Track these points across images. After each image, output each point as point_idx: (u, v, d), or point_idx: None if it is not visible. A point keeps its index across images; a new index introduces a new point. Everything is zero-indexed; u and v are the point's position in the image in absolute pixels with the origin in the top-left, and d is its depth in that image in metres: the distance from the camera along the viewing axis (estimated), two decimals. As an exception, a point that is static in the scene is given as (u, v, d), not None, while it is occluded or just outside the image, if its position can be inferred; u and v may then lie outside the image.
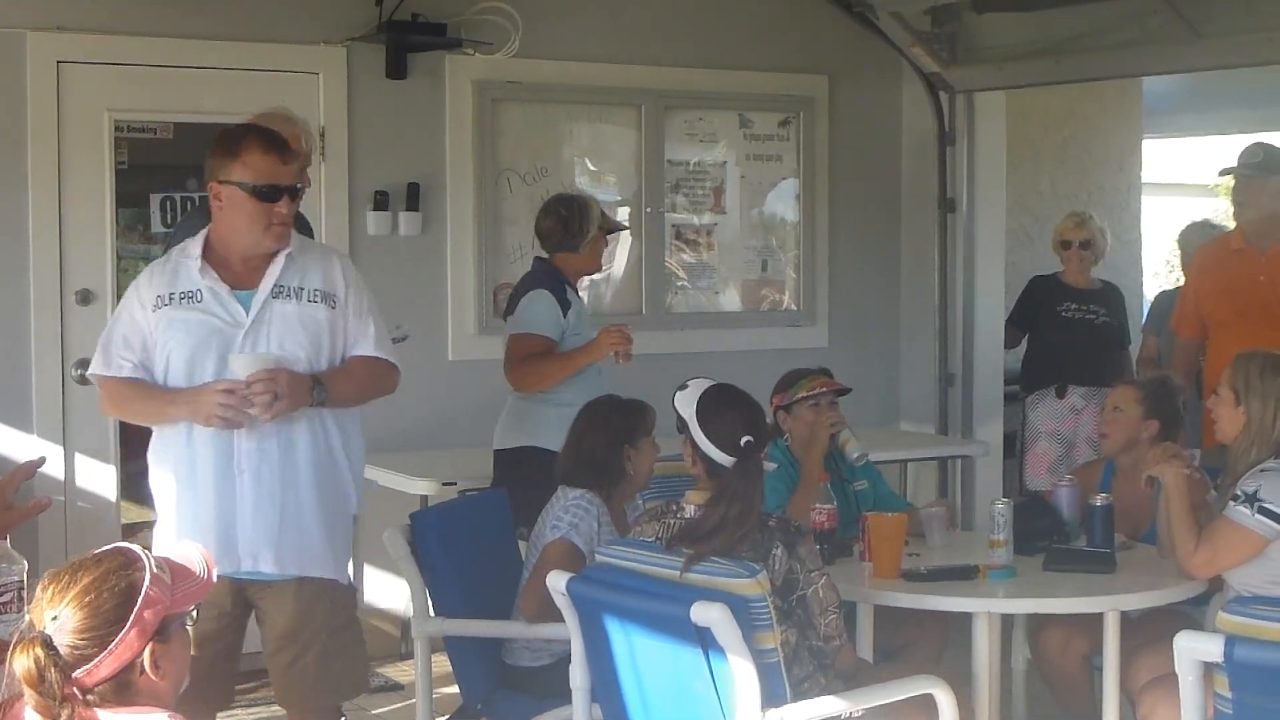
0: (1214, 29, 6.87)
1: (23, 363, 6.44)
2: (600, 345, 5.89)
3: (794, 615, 4.13)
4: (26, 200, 6.45)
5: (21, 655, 2.71)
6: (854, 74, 8.16)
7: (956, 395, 8.24)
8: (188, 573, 2.90)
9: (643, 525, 4.34)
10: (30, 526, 4.80)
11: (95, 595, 2.77)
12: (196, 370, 4.30)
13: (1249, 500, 4.58)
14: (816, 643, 4.18)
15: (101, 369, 4.35)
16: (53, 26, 6.48)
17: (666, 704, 4.05)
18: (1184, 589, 4.74)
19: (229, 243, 4.34)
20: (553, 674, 4.66)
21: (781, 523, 4.23)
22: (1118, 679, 4.77)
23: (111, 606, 2.78)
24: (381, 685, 6.65)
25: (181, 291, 4.31)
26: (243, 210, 4.28)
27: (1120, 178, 10.20)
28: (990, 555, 4.82)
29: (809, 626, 4.16)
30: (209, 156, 4.36)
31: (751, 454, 4.20)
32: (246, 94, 6.23)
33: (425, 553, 4.89)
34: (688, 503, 4.26)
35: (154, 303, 4.31)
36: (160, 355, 4.31)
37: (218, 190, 4.29)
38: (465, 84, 7.24)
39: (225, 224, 4.32)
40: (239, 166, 4.27)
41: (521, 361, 5.93)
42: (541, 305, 5.94)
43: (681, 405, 4.32)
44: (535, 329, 5.92)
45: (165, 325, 4.30)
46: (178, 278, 4.33)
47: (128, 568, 2.81)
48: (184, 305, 4.31)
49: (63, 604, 2.76)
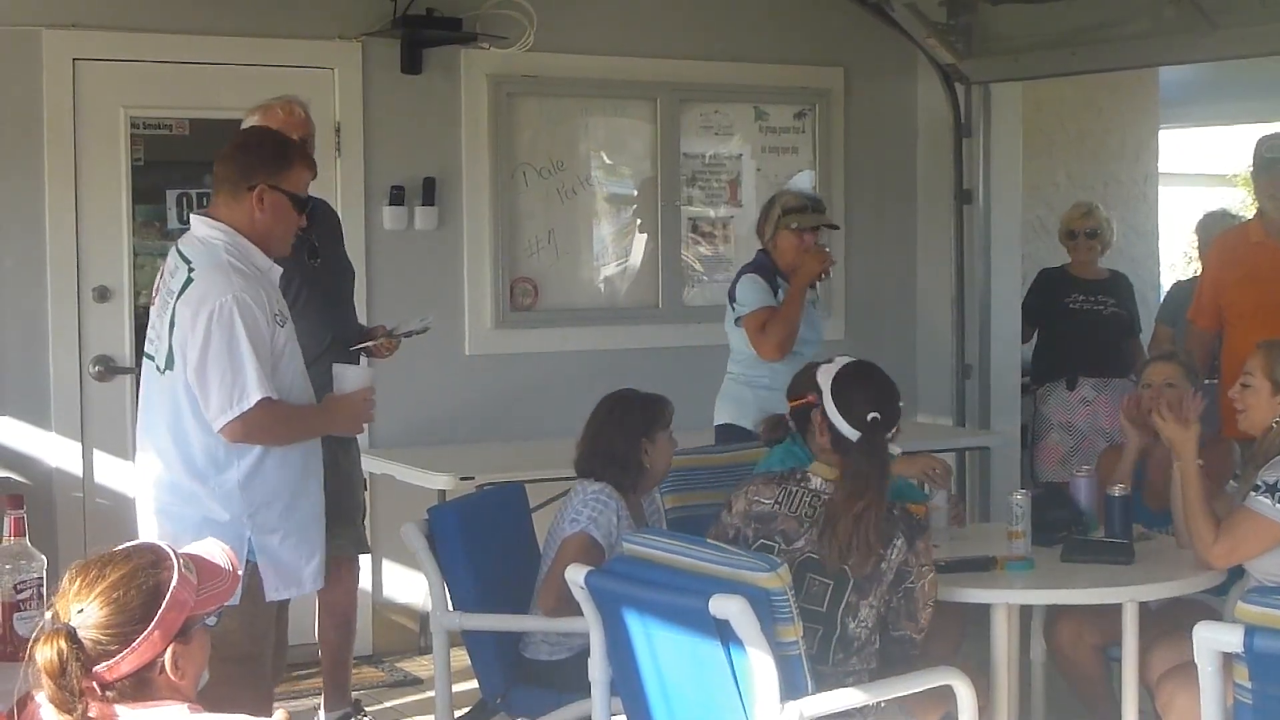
0: (1230, 19, 6.85)
1: (41, 359, 6.45)
2: (808, 269, 6.15)
3: (891, 603, 4.20)
4: (43, 197, 6.46)
5: (45, 646, 2.71)
6: (869, 66, 8.15)
7: (974, 387, 8.22)
8: (216, 572, 2.90)
9: (759, 485, 4.38)
10: (49, 523, 4.82)
11: (122, 592, 2.77)
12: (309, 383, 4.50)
13: (1270, 491, 4.57)
14: (913, 634, 4.23)
15: (271, 391, 4.23)
16: (68, 24, 6.49)
17: (687, 696, 4.05)
18: (1202, 579, 4.73)
19: (269, 245, 4.43)
20: (571, 668, 4.65)
21: (905, 514, 4.29)
22: (1136, 670, 4.76)
23: (138, 604, 2.77)
24: (400, 679, 6.67)
25: (281, 303, 4.43)
26: (285, 217, 4.41)
27: (1136, 168, 10.17)
28: (1009, 546, 4.82)
29: (906, 617, 4.21)
30: (250, 157, 4.44)
31: (877, 431, 4.25)
32: (262, 90, 6.22)
33: (443, 547, 4.89)
34: (814, 474, 4.32)
35: (278, 318, 4.35)
36: (287, 373, 4.38)
37: (264, 194, 4.36)
38: (480, 78, 7.24)
39: (265, 226, 4.39)
40: (291, 177, 4.41)
41: (759, 334, 6.15)
42: (748, 285, 6.21)
43: (821, 377, 4.40)
44: (752, 305, 6.18)
45: (287, 342, 4.38)
46: (271, 289, 4.39)
47: (156, 566, 2.81)
48: (289, 321, 4.43)
49: (89, 598, 2.76)
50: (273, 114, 5.55)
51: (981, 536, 5.23)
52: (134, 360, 6.41)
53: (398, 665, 6.85)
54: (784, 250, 6.24)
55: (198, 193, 6.67)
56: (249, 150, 4.52)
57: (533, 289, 7.44)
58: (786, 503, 4.29)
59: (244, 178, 4.39)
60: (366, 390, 4.58)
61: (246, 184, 4.38)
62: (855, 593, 4.17)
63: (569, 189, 7.54)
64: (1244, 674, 3.51)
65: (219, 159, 4.49)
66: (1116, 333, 7.62)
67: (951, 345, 8.25)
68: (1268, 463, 4.68)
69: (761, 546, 4.23)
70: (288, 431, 4.36)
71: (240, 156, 4.47)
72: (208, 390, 4.20)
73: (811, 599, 4.17)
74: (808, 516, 4.26)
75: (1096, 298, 7.62)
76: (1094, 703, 5.38)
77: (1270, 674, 3.46)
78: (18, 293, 6.43)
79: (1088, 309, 7.59)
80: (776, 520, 4.28)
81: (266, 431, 4.27)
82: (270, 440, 4.30)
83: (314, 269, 5.52)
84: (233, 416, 4.19)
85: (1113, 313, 7.62)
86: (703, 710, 4.02)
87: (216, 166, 4.49)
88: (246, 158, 4.45)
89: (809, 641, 4.09)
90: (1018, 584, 4.68)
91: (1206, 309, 6.67)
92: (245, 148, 4.56)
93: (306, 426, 4.45)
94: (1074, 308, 7.60)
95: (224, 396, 4.18)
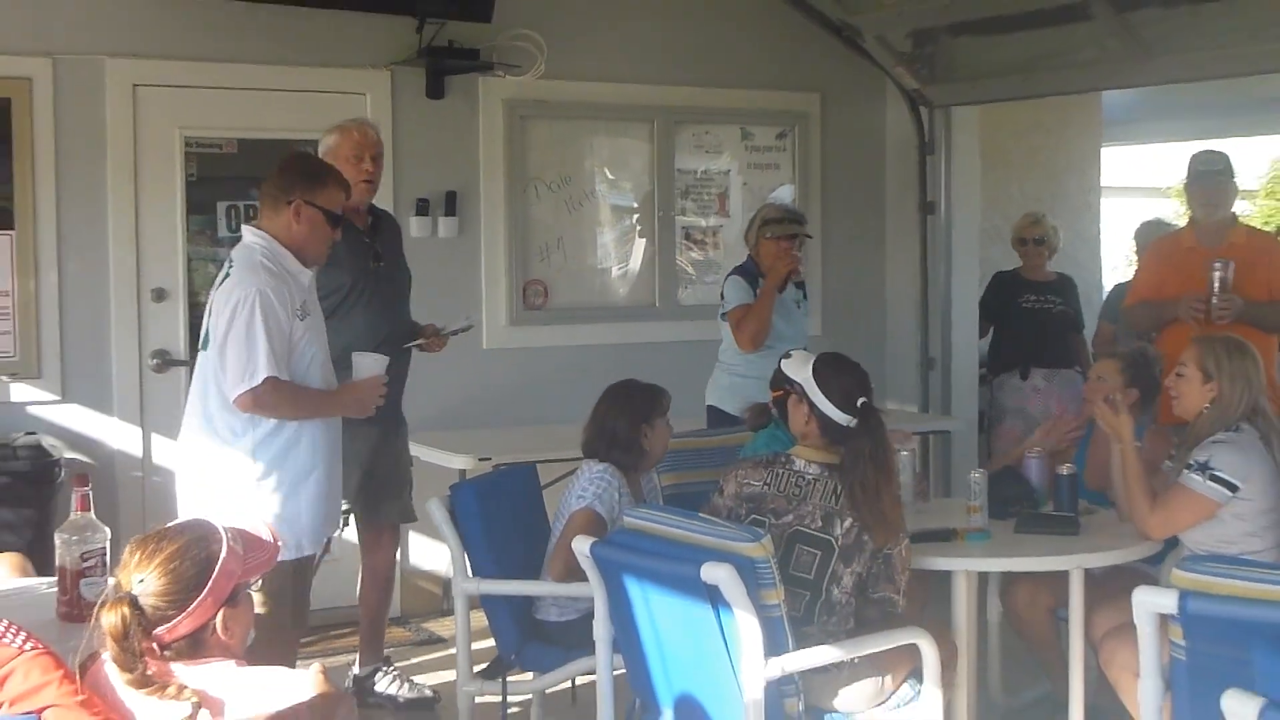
0: (1166, 48, 6.84)
1: (104, 353, 6.45)
2: (776, 271, 6.27)
3: (872, 569, 4.19)
4: (107, 209, 6.46)
5: (109, 613, 2.72)
6: (843, 92, 8.14)
7: (936, 377, 8.22)
8: (259, 544, 2.91)
9: (747, 470, 4.37)
10: (112, 500, 4.81)
11: (179, 563, 2.78)
12: (327, 373, 4.54)
13: (1201, 469, 4.58)
14: (892, 594, 4.21)
15: (279, 372, 4.31)
16: (129, 53, 6.47)
17: (681, 654, 4.05)
18: (1141, 549, 4.73)
19: (305, 256, 4.48)
20: (578, 628, 4.66)
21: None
22: (1083, 629, 4.76)
23: (192, 574, 2.79)
24: (425, 638, 6.67)
25: (305, 302, 4.44)
26: (318, 229, 4.47)
27: (1082, 182, 10.16)
28: (968, 520, 4.82)
29: (885, 580, 4.20)
30: (290, 176, 4.50)
31: (870, 412, 4.24)
32: (302, 113, 6.22)
33: (463, 520, 4.89)
34: (797, 456, 4.31)
35: (299, 312, 4.39)
36: (302, 361, 4.42)
37: (300, 208, 4.42)
38: (496, 103, 7.23)
39: (302, 237, 4.45)
40: (325, 194, 4.47)
41: (737, 328, 6.29)
42: (732, 285, 6.38)
43: (793, 371, 4.38)
44: (733, 303, 6.34)
45: (305, 333, 4.42)
46: (297, 289, 4.43)
47: (207, 540, 2.82)
48: (309, 315, 4.46)
49: (149, 569, 2.77)
50: (349, 134, 5.54)
51: (943, 511, 5.21)
52: (188, 354, 6.41)
53: (423, 626, 6.84)
54: (764, 255, 6.34)
55: (244, 205, 6.66)
56: (290, 170, 4.57)
57: (543, 290, 7.43)
58: (774, 484, 4.29)
59: (283, 193, 4.46)
60: (376, 379, 4.63)
61: (285, 199, 4.44)
62: (840, 561, 4.16)
63: (575, 201, 7.53)
64: (1178, 633, 3.51)
65: (267, 177, 4.56)
66: (1063, 328, 7.62)
67: (916, 340, 8.24)
68: (1198, 444, 4.68)
69: (754, 522, 4.23)
70: (292, 408, 4.41)
71: (282, 175, 4.53)
72: (226, 365, 4.33)
73: (800, 567, 4.17)
74: (794, 494, 4.25)
75: (1046, 297, 7.62)
76: (1045, 658, 5.39)
77: (1201, 633, 3.46)
78: (84, 294, 6.42)
79: (1038, 307, 7.59)
80: (766, 499, 4.28)
81: (272, 406, 4.35)
82: (276, 413, 4.38)
83: (376, 272, 5.53)
84: (244, 390, 4.30)
85: (1060, 311, 7.62)
86: (695, 665, 4.02)
87: (263, 183, 4.57)
88: (287, 177, 4.51)
89: (797, 605, 4.09)
90: (976, 553, 4.68)
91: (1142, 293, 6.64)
92: (286, 168, 4.60)
93: (313, 405, 4.48)
94: (1026, 306, 7.60)
95: (238, 372, 4.30)
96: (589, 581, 4.23)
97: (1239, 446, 4.63)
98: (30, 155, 6.30)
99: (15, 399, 6.30)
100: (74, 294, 6.41)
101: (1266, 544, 4.61)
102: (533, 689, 5.09)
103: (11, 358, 6.31)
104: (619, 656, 4.27)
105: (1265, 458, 4.66)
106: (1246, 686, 2.67)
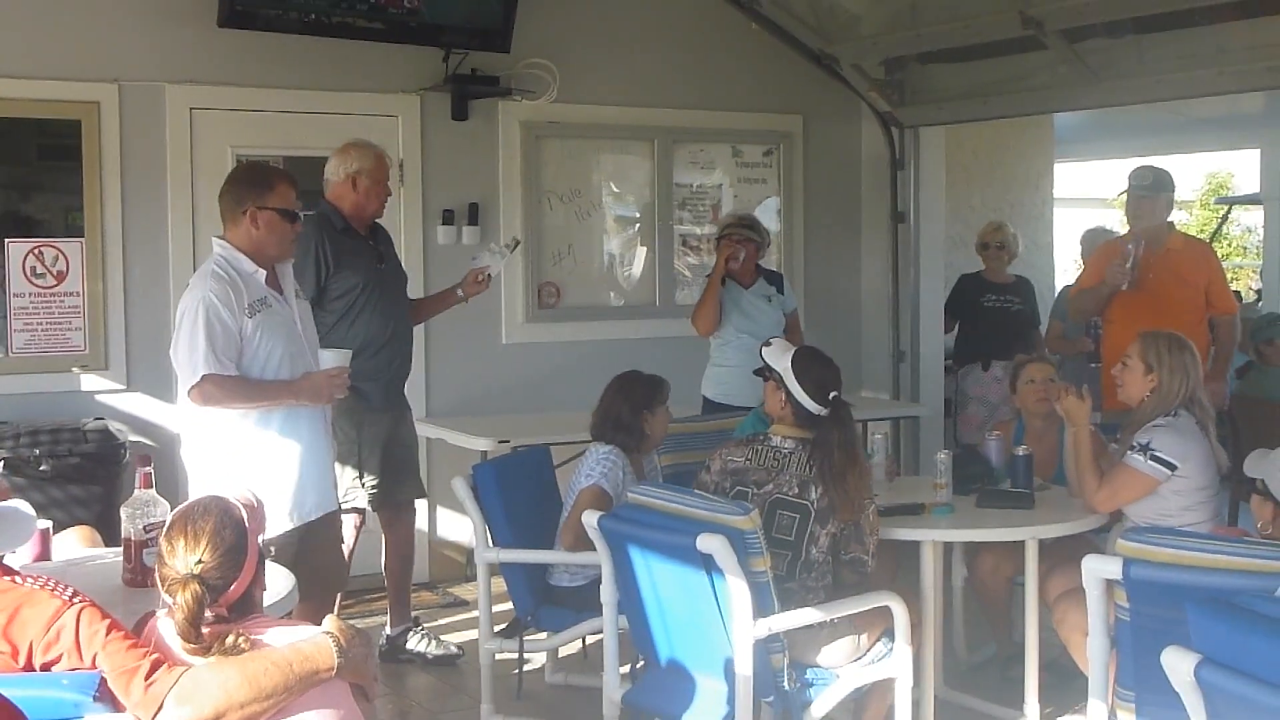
0: (1111, 74, 6.82)
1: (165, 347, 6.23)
2: (716, 264, 6.36)
3: (845, 530, 4.17)
4: (166, 219, 6.45)
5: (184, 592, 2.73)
6: (823, 113, 8.12)
7: (906, 368, 8.20)
8: (254, 507, 2.95)
9: (731, 448, 4.37)
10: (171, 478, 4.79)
11: (222, 534, 2.80)
12: (296, 363, 4.32)
13: (1143, 450, 4.58)
14: (862, 555, 4.20)
15: (216, 369, 4.14)
16: (187, 80, 6.47)
17: (679, 615, 4.04)
18: (1089, 521, 4.73)
19: (264, 255, 4.29)
20: (587, 592, 4.65)
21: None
22: (1037, 592, 4.76)
23: (234, 539, 2.81)
24: (451, 601, 6.66)
25: (258, 299, 4.25)
26: (277, 229, 4.28)
27: (1037, 194, 10.15)
28: (934, 495, 4.81)
29: (855, 541, 4.18)
30: (240, 187, 4.31)
31: (840, 405, 4.25)
32: (341, 132, 6.18)
33: (485, 496, 4.87)
34: (774, 434, 4.31)
35: (246, 310, 4.20)
36: (259, 354, 4.23)
37: (255, 214, 4.25)
38: (514, 124, 7.22)
39: (262, 240, 4.27)
40: (274, 196, 4.27)
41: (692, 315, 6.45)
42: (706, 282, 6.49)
43: (773, 358, 4.35)
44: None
45: (258, 329, 4.22)
46: (248, 288, 4.23)
47: (229, 509, 2.87)
48: (264, 311, 4.25)
49: (200, 548, 2.78)
50: (380, 160, 5.55)
51: (912, 487, 5.21)
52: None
53: (449, 590, 6.83)
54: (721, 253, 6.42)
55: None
56: (238, 182, 4.37)
57: (556, 291, 7.42)
58: (755, 458, 4.29)
59: (237, 204, 4.28)
60: (335, 371, 4.35)
61: (240, 209, 4.27)
62: (817, 523, 4.16)
63: (585, 211, 7.51)
64: (1123, 596, 3.50)
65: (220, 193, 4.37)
66: (1021, 325, 7.59)
67: (889, 335, 8.22)
68: (1140, 428, 4.67)
69: (738, 494, 4.22)
70: (242, 399, 4.21)
71: (233, 188, 4.34)
72: (179, 367, 4.22)
73: (781, 530, 4.16)
74: (773, 466, 4.25)
75: (1005, 297, 7.60)
76: (995, 620, 5.38)
77: (1143, 596, 3.45)
78: (146, 294, 6.41)
79: (998, 306, 7.57)
80: (749, 472, 4.27)
81: (218, 398, 4.17)
82: (227, 404, 4.20)
83: (381, 272, 5.52)
84: (190, 385, 4.17)
85: (1018, 309, 7.60)
86: (691, 626, 4.01)
87: (219, 198, 4.37)
88: (237, 189, 4.32)
89: (780, 565, 4.08)
90: (941, 525, 4.67)
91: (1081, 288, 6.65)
92: (235, 180, 4.41)
93: (263, 394, 4.24)
94: (987, 305, 7.58)
95: (185, 371, 4.18)
96: (597, 551, 4.22)
97: (1177, 430, 4.62)
98: (98, 170, 6.30)
99: (85, 388, 6.31)
100: (137, 294, 6.40)
101: (1201, 517, 4.60)
102: (547, 647, 5.09)
103: (82, 351, 6.31)
104: (624, 618, 4.26)
105: (1201, 441, 4.65)
106: (1183, 644, 2.66)
